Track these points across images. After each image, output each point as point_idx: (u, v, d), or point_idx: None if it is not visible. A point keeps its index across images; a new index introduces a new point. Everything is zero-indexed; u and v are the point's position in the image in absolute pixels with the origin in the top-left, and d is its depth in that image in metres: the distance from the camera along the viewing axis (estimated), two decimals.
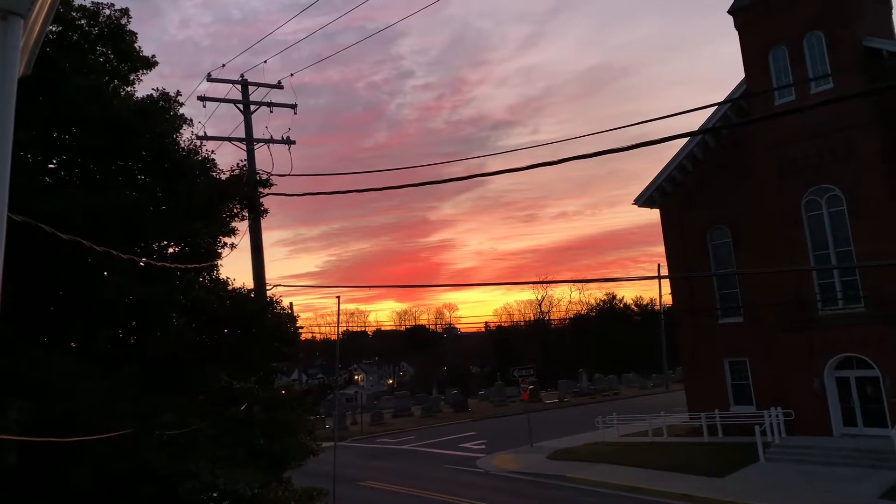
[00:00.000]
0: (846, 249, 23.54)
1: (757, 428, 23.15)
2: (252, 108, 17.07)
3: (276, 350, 12.34)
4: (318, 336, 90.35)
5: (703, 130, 27.93)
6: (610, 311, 76.68)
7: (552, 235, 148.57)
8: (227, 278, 12.37)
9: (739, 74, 26.38)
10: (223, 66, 17.14)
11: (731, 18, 26.41)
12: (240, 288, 12.43)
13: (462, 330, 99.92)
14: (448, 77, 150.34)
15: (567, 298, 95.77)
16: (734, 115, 27.38)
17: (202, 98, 16.69)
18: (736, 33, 26.25)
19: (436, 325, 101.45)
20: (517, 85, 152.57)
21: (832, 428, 23.24)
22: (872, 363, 22.42)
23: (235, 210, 12.27)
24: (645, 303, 76.30)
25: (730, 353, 27.81)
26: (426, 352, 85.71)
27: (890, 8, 25.94)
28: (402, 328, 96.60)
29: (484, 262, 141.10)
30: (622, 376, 63.59)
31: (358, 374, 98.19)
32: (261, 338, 11.70)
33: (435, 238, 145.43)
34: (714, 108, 27.17)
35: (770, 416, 24.05)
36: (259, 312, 11.95)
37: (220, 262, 12.09)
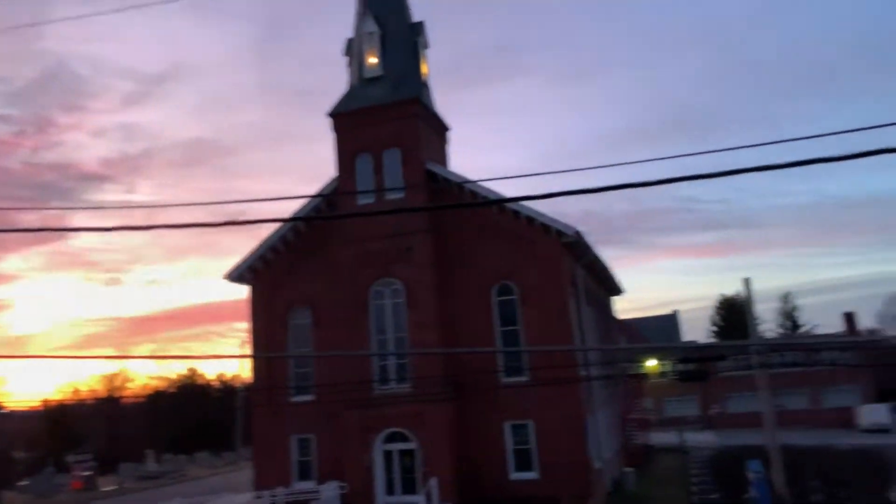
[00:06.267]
0: (402, 335, 27.19)
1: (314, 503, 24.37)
2: None
3: None
4: None
5: (294, 218, 29.84)
6: (191, 386, 73.25)
7: (139, 302, 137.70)
8: None
9: (334, 171, 29.15)
10: None
11: (329, 120, 29.34)
12: None
13: (10, 409, 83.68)
14: (32, 114, 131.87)
15: (145, 372, 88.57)
16: (325, 208, 29.93)
17: None
18: (333, 134, 29.18)
19: None
20: (115, 139, 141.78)
21: (376, 497, 25.80)
22: (412, 437, 25.87)
23: None
24: (228, 378, 75.03)
25: (298, 430, 29.00)
26: None
27: (445, 142, 32.01)
28: None
29: (55, 326, 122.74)
30: (194, 455, 60.55)
31: None
32: None
33: None
34: (308, 198, 29.35)
35: (327, 489, 25.60)
36: None
37: None
